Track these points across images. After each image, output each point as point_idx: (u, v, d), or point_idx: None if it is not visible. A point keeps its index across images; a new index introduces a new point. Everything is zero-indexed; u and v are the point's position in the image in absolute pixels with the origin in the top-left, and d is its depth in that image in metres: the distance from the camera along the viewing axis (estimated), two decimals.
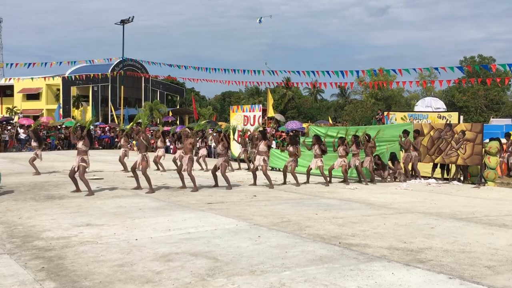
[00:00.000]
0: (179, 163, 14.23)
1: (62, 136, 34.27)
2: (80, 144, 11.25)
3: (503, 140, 16.06)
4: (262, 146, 13.50)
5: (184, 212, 8.92)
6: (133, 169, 12.12)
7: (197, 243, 6.48)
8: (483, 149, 15.06)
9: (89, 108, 55.05)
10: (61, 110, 47.84)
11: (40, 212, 8.79)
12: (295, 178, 13.80)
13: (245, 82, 38.66)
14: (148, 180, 11.65)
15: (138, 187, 12.16)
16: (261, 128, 15.92)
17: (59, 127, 36.47)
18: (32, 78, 42.00)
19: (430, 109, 21.55)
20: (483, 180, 14.95)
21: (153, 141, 20.90)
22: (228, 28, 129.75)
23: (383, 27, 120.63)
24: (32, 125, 22.47)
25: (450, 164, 15.85)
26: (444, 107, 23.70)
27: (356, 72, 26.11)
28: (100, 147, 35.58)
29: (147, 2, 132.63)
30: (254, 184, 13.59)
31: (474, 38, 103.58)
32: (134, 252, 5.98)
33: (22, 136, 31.59)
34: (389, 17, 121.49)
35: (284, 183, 14.00)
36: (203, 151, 19.13)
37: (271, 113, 32.43)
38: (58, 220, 8.03)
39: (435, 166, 16.10)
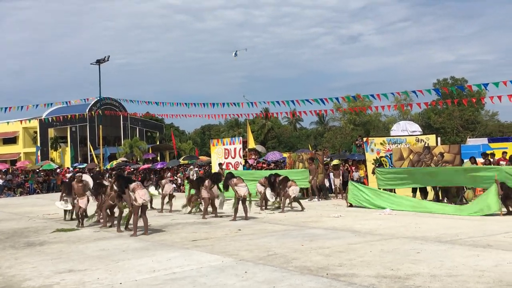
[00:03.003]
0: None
1: (41, 179, 33.73)
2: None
3: (481, 160, 16.27)
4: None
5: (169, 251, 8.79)
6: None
7: (183, 283, 6.36)
8: None
9: (68, 149, 54.51)
10: (39, 151, 47.36)
11: (20, 260, 8.57)
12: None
13: (225, 115, 38.79)
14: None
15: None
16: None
17: (37, 170, 35.93)
18: (8, 122, 41.53)
19: (406, 132, 21.80)
20: (464, 200, 15.08)
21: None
22: (205, 62, 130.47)
23: (356, 54, 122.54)
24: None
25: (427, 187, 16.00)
26: (420, 129, 24.00)
27: (337, 99, 26.42)
28: None
29: (122, 41, 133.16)
30: (234, 219, 13.41)
31: (445, 60, 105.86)
32: None
33: (0, 181, 31.00)
34: (361, 44, 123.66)
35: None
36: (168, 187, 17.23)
37: (251, 144, 32.51)
38: (39, 267, 7.83)
39: (415, 189, 16.21)
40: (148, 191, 11.96)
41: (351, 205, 15.75)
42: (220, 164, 22.50)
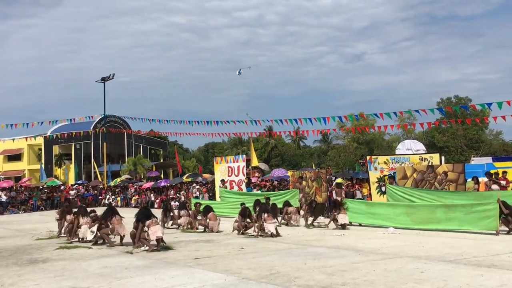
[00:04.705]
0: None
1: (45, 196, 33.78)
2: None
3: (484, 179, 16.24)
4: None
5: (171, 269, 8.77)
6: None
7: None
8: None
9: (72, 166, 54.64)
10: (43, 168, 47.39)
11: (23, 277, 8.56)
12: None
13: (229, 133, 38.89)
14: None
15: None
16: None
17: (41, 187, 36.00)
18: (13, 139, 41.69)
19: (411, 151, 21.81)
20: None
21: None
22: (208, 80, 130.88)
23: (360, 73, 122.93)
24: None
25: None
26: (424, 148, 24.00)
27: (339, 118, 26.45)
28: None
29: (126, 59, 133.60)
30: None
31: (449, 79, 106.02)
32: None
33: (3, 198, 31.05)
34: (364, 63, 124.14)
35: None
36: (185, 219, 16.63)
37: (255, 162, 32.50)
38: (42, 285, 7.82)
39: None
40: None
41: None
42: (223, 181, 22.13)
